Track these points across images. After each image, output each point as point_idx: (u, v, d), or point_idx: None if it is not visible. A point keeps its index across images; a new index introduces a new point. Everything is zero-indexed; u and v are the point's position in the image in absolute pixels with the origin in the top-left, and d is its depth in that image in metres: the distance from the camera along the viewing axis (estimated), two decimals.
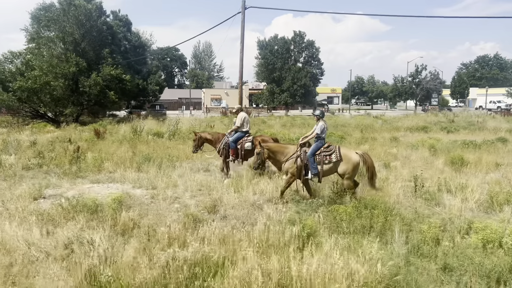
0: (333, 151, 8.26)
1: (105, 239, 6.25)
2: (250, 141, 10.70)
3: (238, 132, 10.89)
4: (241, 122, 10.88)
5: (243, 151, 10.64)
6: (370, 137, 20.48)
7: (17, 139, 19.18)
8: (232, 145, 10.69)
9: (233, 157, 10.72)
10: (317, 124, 8.57)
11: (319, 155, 8.29)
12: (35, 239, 6.47)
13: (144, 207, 8.26)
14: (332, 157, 8.21)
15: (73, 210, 7.78)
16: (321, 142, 8.47)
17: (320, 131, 8.48)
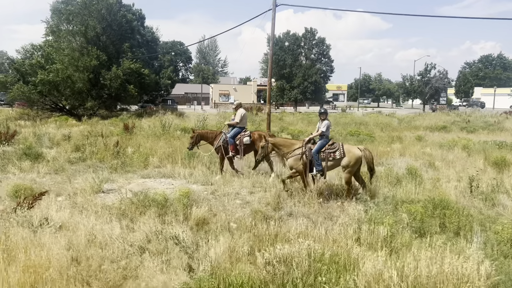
0: (337, 149, 8.59)
1: (187, 234, 6.40)
2: (248, 135, 10.92)
3: (235, 128, 11.02)
4: (240, 118, 10.99)
5: (242, 146, 10.85)
6: (395, 136, 20.60)
7: (46, 132, 19.34)
8: (231, 141, 10.85)
9: (233, 153, 10.88)
10: (322, 122, 8.90)
11: (323, 152, 8.62)
12: (117, 233, 6.60)
13: (208, 203, 8.37)
14: (336, 154, 8.56)
15: (141, 204, 7.89)
16: (325, 140, 8.78)
17: (326, 129, 8.79)
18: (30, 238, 5.90)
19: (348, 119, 32.80)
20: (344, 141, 16.98)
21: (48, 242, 5.60)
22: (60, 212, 7.37)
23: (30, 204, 7.24)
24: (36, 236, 6.02)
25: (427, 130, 25.88)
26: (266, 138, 9.19)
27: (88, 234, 6.16)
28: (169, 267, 5.41)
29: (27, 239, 5.86)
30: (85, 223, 6.88)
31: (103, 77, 27.14)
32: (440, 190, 8.98)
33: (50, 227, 6.62)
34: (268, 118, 19.03)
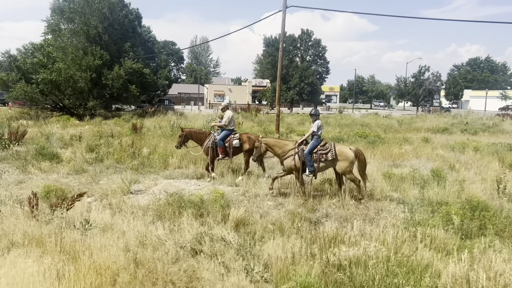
0: (329, 150, 8.70)
1: (233, 236, 6.39)
2: (237, 138, 10.91)
3: (225, 130, 11.03)
4: (228, 120, 10.98)
5: (231, 149, 10.83)
6: (402, 138, 20.77)
7: (52, 132, 19.11)
8: (220, 143, 10.82)
9: (222, 155, 10.88)
10: (313, 123, 9.03)
11: (315, 153, 8.73)
12: (161, 233, 6.55)
13: (241, 204, 8.35)
14: (328, 155, 8.66)
15: (177, 205, 7.85)
16: (317, 140, 8.89)
17: (317, 129, 8.90)
18: (81, 240, 5.84)
19: (349, 120, 33.02)
20: (354, 142, 17.11)
21: (106, 244, 5.54)
22: (99, 213, 7.31)
23: (69, 205, 7.15)
24: (87, 237, 5.96)
25: (429, 132, 26.12)
26: (259, 139, 9.35)
27: (139, 235, 6.10)
28: (226, 268, 5.40)
29: (79, 240, 5.80)
30: (127, 225, 6.84)
31: (105, 77, 26.91)
32: (468, 191, 9.08)
33: (91, 229, 6.55)
34: (277, 119, 19.06)
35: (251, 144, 10.73)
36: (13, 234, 5.83)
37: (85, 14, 27.02)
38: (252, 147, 10.61)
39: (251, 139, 10.91)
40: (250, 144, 10.78)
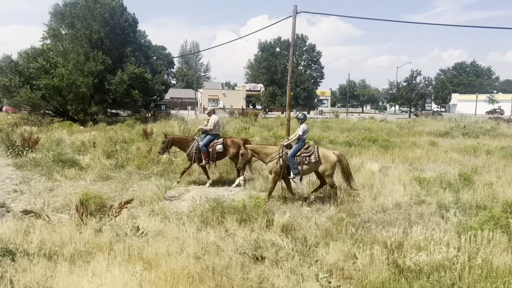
0: (312, 152, 8.90)
1: (287, 241, 6.42)
2: (221, 143, 10.94)
3: (209, 135, 11.01)
4: (214, 125, 10.98)
5: (215, 154, 10.88)
6: (409, 141, 21.05)
7: (61, 138, 18.90)
8: (203, 149, 10.82)
9: (206, 161, 10.88)
10: (299, 127, 9.15)
11: (299, 156, 8.91)
12: (213, 240, 6.54)
13: (279, 209, 8.37)
14: (312, 158, 8.87)
15: (220, 211, 7.84)
16: (301, 144, 9.05)
17: (302, 133, 9.06)
18: (143, 247, 5.81)
19: (350, 125, 33.26)
20: (366, 147, 17.26)
21: (171, 251, 5.53)
22: (146, 220, 7.27)
23: (117, 213, 7.11)
24: (147, 244, 5.93)
25: (431, 135, 26.46)
26: (245, 146, 9.39)
27: (199, 242, 6.10)
28: (296, 275, 5.42)
29: (142, 248, 5.77)
30: (179, 231, 6.83)
31: (108, 82, 26.70)
32: (501, 194, 9.25)
33: (144, 236, 6.52)
34: (287, 124, 19.15)
35: (235, 147, 10.79)
36: (74, 243, 5.76)
37: (86, 19, 26.82)
38: (236, 150, 10.66)
39: (235, 142, 10.97)
40: (235, 148, 10.81)
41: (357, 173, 11.48)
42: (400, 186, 9.50)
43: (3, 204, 8.92)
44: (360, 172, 11.56)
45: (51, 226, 6.56)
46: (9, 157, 14.99)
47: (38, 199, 9.07)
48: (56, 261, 5.04)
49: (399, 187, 9.44)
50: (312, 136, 19.63)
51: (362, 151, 16.16)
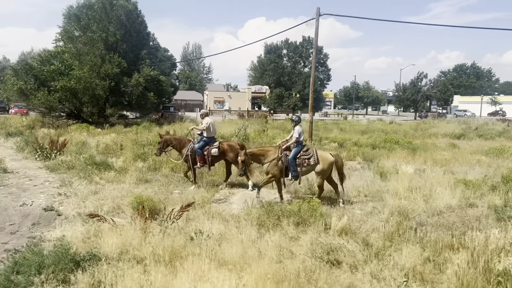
0: (311, 155, 9.04)
1: (354, 245, 6.40)
2: (216, 147, 10.79)
3: (204, 138, 10.89)
4: (207, 126, 10.85)
5: (210, 157, 10.72)
6: (429, 143, 21.05)
7: (84, 141, 18.89)
8: (198, 152, 10.69)
9: (201, 164, 10.77)
10: (294, 129, 9.25)
11: (299, 159, 9.01)
12: (277, 242, 6.51)
13: (331, 211, 8.34)
14: (311, 161, 9.00)
15: (274, 214, 7.81)
16: (300, 146, 9.15)
17: (299, 135, 9.13)
18: (221, 251, 5.79)
19: (363, 127, 33.30)
20: (391, 150, 17.25)
21: (250, 254, 5.51)
22: (206, 223, 7.24)
23: (179, 216, 7.09)
24: (220, 248, 5.91)
25: (446, 137, 26.47)
26: (245, 151, 9.17)
27: (276, 247, 6.07)
28: (376, 279, 5.39)
29: (217, 250, 5.74)
30: (240, 234, 6.80)
31: (124, 84, 26.69)
32: None
33: (206, 239, 6.49)
34: (310, 126, 19.14)
35: (233, 152, 10.68)
36: (152, 246, 5.73)
37: (102, 21, 26.84)
38: (235, 154, 10.55)
39: (232, 146, 10.88)
40: (232, 152, 10.72)
41: (395, 175, 11.50)
42: (447, 188, 9.47)
43: (51, 207, 8.92)
44: (398, 175, 11.55)
45: (118, 230, 6.51)
46: (38, 159, 14.95)
47: (86, 202, 9.05)
48: (147, 265, 5.01)
49: (446, 190, 9.42)
50: (335, 138, 19.65)
51: (389, 153, 16.15)
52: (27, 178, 11.82)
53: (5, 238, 6.89)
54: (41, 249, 5.74)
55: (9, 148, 18.51)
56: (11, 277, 4.51)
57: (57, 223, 7.81)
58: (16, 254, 5.98)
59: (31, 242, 6.57)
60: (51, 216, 8.41)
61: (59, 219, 8.16)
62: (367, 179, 11.31)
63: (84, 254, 5.22)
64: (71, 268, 4.78)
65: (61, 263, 4.84)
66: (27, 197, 9.79)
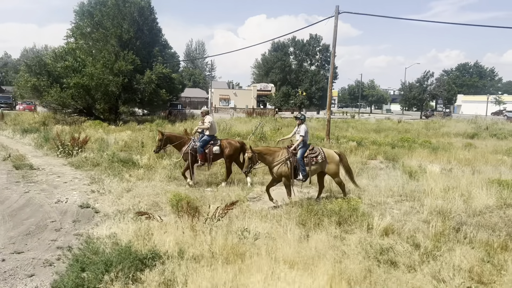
0: (318, 153, 8.95)
1: (404, 246, 6.38)
2: (218, 144, 10.74)
3: (205, 136, 10.77)
4: (209, 124, 10.79)
5: (211, 155, 10.65)
6: (445, 142, 21.00)
7: (101, 138, 18.87)
8: (200, 150, 10.56)
9: (202, 162, 10.66)
10: (300, 127, 9.05)
11: (306, 158, 8.87)
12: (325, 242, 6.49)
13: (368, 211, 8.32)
14: (318, 158, 8.90)
15: (315, 213, 7.79)
16: (306, 145, 9.00)
17: (305, 134, 8.96)
18: (274, 249, 5.77)
19: (373, 125, 33.25)
20: (417, 149, 17.19)
21: (307, 255, 5.49)
22: (248, 221, 7.21)
23: (224, 214, 7.08)
24: (276, 247, 5.88)
25: (459, 137, 26.43)
26: (252, 149, 8.77)
27: (337, 248, 6.06)
28: (436, 280, 5.36)
29: (274, 249, 5.73)
30: (285, 233, 6.78)
31: (137, 81, 26.66)
32: None
33: (255, 237, 6.47)
34: (327, 125, 19.11)
35: (232, 150, 10.70)
36: (208, 245, 5.71)
37: (116, 17, 26.78)
38: (234, 153, 10.62)
39: (232, 144, 10.87)
40: (231, 150, 10.72)
41: (424, 174, 11.49)
42: (482, 189, 9.45)
43: (87, 204, 8.91)
44: (426, 174, 11.54)
45: (166, 228, 6.50)
46: (59, 156, 14.96)
47: (121, 199, 9.04)
48: (214, 263, 4.99)
49: (482, 190, 9.39)
50: (353, 137, 19.61)
51: (409, 152, 16.12)
52: (55, 175, 11.82)
53: (51, 235, 6.88)
54: (97, 247, 5.75)
55: (27, 145, 18.54)
56: (81, 275, 4.50)
57: (97, 220, 7.83)
58: (70, 252, 6.01)
59: (82, 239, 6.57)
60: (89, 213, 8.41)
61: (98, 216, 8.17)
62: (396, 178, 11.27)
63: (145, 252, 5.20)
64: (139, 266, 4.76)
65: (127, 261, 4.82)
66: (60, 194, 9.78)
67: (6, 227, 7.21)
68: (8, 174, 11.79)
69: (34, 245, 6.29)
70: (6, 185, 10.44)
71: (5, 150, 16.23)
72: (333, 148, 16.56)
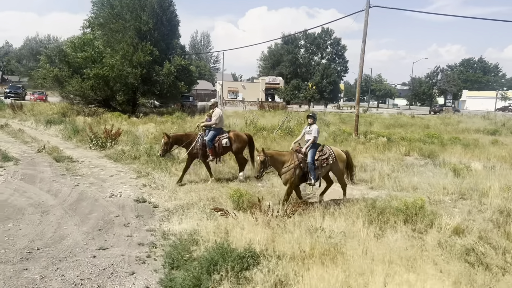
0: (329, 154, 8.37)
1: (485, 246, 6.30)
2: (226, 137, 10.44)
3: (212, 130, 10.40)
4: (219, 119, 10.45)
5: (221, 149, 10.38)
6: (470, 139, 20.87)
7: (128, 130, 18.76)
8: (209, 145, 10.17)
9: (213, 157, 10.31)
10: (312, 127, 8.39)
11: (317, 160, 8.23)
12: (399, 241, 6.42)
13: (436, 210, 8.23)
14: (329, 160, 8.34)
15: (380, 212, 7.70)
16: (316, 146, 8.38)
17: (318, 134, 8.43)
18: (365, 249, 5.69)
19: (391, 120, 33.12)
20: (448, 145, 17.09)
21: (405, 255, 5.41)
22: (319, 219, 7.14)
23: (294, 211, 7.01)
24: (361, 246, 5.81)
25: (479, 133, 26.29)
26: (264, 152, 7.92)
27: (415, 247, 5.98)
28: None
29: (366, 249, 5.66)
30: (359, 231, 6.71)
31: (156, 73, 26.50)
32: None
33: (329, 236, 6.39)
34: (356, 120, 18.99)
35: (240, 142, 10.52)
36: (297, 245, 5.63)
37: (136, 9, 26.56)
38: (242, 146, 10.41)
39: (240, 136, 10.69)
40: (240, 142, 10.54)
41: (470, 172, 11.43)
42: None
43: (143, 199, 8.84)
44: (472, 171, 11.48)
45: (243, 225, 6.42)
46: (92, 148, 14.88)
47: (177, 194, 9.00)
48: (309, 262, 4.92)
49: None
50: (381, 133, 19.48)
51: (442, 149, 16.03)
52: (98, 168, 11.74)
53: (123, 230, 6.81)
54: (186, 244, 5.69)
55: (53, 136, 18.44)
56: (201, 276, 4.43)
57: (161, 215, 7.77)
58: (155, 248, 5.95)
59: (157, 235, 6.51)
60: (147, 208, 8.35)
61: (158, 211, 8.11)
62: (441, 176, 11.17)
63: (241, 251, 5.13)
64: (245, 265, 4.69)
65: (229, 260, 4.75)
66: (110, 188, 9.72)
67: (74, 221, 7.15)
68: (50, 166, 11.72)
69: (113, 241, 6.22)
70: (53, 178, 10.37)
71: (36, 141, 16.16)
72: (365, 144, 16.52)
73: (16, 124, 21.82)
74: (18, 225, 6.72)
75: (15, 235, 6.24)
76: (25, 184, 9.77)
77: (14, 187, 9.42)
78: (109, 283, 4.67)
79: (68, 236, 6.32)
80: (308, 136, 8.37)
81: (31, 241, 5.98)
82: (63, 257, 5.40)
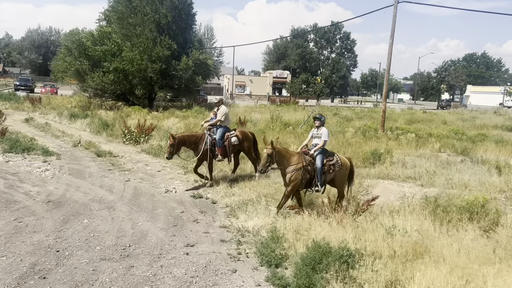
0: (336, 161, 7.86)
1: None
2: (234, 135, 10.06)
3: (221, 127, 9.99)
4: (224, 116, 10.05)
5: (230, 148, 9.93)
6: (495, 135, 20.85)
7: (155, 124, 18.73)
8: (219, 143, 9.74)
9: (222, 156, 9.86)
10: (321, 130, 7.82)
11: (324, 165, 7.70)
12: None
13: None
14: (336, 167, 7.82)
15: (444, 210, 7.73)
16: (324, 150, 7.84)
17: (328, 138, 7.90)
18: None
19: (407, 116, 33.06)
20: (480, 142, 17.04)
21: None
22: (382, 217, 7.17)
23: (365, 209, 7.07)
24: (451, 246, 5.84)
25: (498, 129, 26.25)
26: (273, 145, 7.39)
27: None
28: None
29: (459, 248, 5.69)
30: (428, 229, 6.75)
31: (174, 68, 26.42)
32: None
33: (402, 234, 6.43)
34: (383, 115, 18.96)
35: (248, 141, 10.30)
36: (389, 243, 5.66)
37: (154, 2, 26.41)
38: (249, 144, 10.22)
39: (247, 134, 10.47)
40: (248, 140, 10.33)
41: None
42: None
43: (200, 195, 8.88)
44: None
45: (320, 223, 6.45)
46: (126, 143, 14.90)
47: (232, 189, 9.05)
48: (403, 262, 4.95)
49: None
50: (407, 128, 19.46)
51: (474, 146, 16.02)
52: (142, 163, 11.78)
53: (197, 227, 6.85)
54: (278, 242, 5.71)
55: (81, 130, 18.42)
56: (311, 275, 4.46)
57: (225, 212, 7.82)
58: (240, 245, 5.98)
59: (234, 232, 6.54)
60: (206, 203, 8.40)
61: (219, 207, 8.16)
62: (483, 173, 11.16)
63: (337, 249, 5.15)
64: (351, 264, 4.72)
65: (332, 259, 4.78)
66: (162, 183, 9.76)
67: (144, 217, 7.18)
68: (94, 161, 11.75)
69: (194, 238, 6.25)
70: (101, 173, 10.41)
71: (67, 136, 16.17)
72: (396, 140, 16.52)
73: (38, 118, 21.79)
74: (94, 221, 6.76)
75: (97, 231, 6.27)
76: (75, 179, 9.80)
77: (66, 182, 9.46)
78: (219, 281, 4.70)
79: (149, 232, 6.36)
80: (316, 140, 7.84)
81: (117, 237, 6.01)
82: (158, 254, 5.43)
